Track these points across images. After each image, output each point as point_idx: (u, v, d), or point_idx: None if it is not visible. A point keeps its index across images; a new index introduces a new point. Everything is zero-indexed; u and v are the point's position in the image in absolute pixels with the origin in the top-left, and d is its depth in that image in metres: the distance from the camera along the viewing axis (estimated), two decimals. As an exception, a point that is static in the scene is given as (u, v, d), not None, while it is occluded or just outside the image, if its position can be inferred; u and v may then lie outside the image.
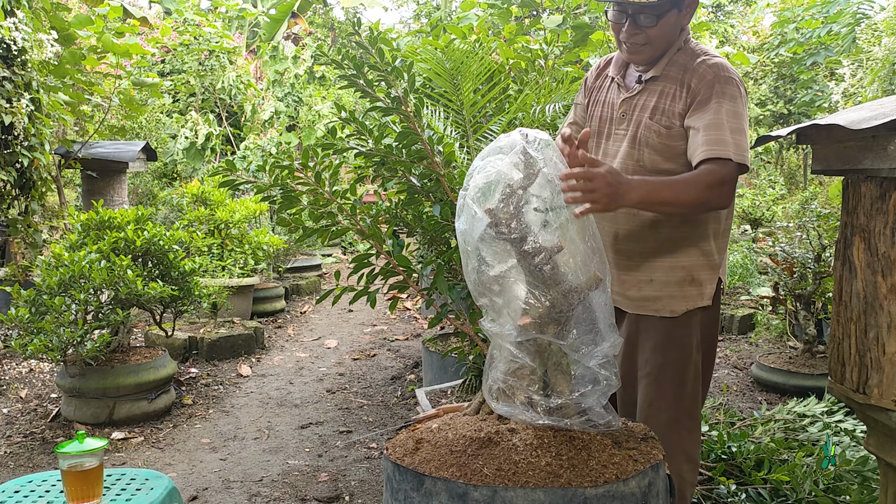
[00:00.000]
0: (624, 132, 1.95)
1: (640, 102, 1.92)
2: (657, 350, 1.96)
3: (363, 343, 5.56)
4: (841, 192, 1.68)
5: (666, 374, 1.95)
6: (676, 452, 1.93)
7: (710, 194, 1.75)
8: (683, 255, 1.93)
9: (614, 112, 1.98)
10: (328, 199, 1.81)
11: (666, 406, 1.95)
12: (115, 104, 6.12)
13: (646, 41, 1.86)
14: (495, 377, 1.57)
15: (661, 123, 1.87)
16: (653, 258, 1.94)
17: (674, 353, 1.95)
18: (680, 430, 1.96)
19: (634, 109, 1.93)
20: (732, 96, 1.81)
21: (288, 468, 3.15)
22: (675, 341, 1.95)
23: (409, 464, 1.52)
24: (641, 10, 1.82)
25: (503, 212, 1.49)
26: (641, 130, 1.90)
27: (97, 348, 3.43)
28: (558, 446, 1.49)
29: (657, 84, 1.90)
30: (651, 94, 1.91)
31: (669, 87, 1.88)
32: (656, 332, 1.96)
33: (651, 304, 1.95)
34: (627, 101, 1.95)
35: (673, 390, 1.95)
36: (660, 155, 1.89)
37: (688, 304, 1.94)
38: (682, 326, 1.95)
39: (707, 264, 1.95)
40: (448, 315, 1.88)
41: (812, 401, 3.26)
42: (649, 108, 1.90)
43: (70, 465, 1.74)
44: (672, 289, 1.94)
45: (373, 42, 1.80)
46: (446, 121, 2.61)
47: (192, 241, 4.80)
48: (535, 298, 1.51)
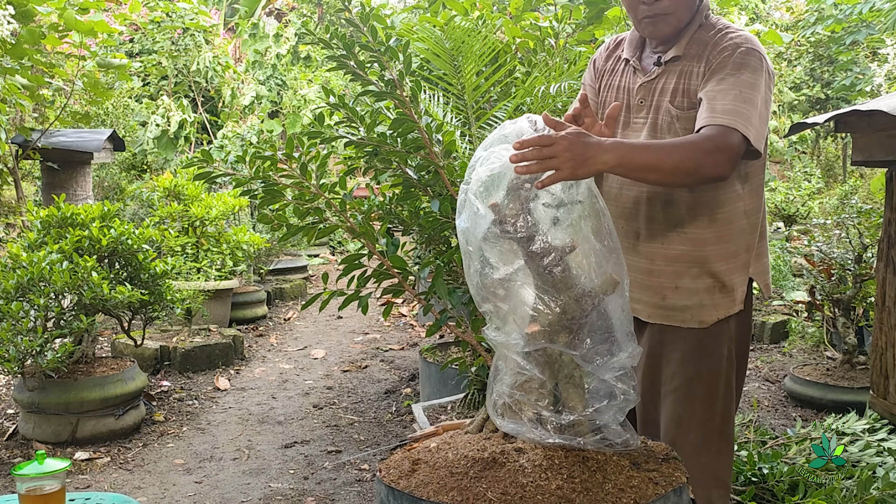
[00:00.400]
0: (643, 120, 1.92)
1: (659, 86, 1.90)
2: (686, 362, 1.93)
3: (354, 353, 5.56)
4: (884, 185, 1.68)
5: (696, 389, 1.93)
6: (706, 477, 1.90)
7: (701, 159, 1.68)
8: (712, 260, 1.91)
9: (631, 99, 1.95)
10: (315, 193, 1.81)
11: (696, 425, 1.92)
12: (79, 88, 6.12)
13: (668, 9, 1.83)
14: (500, 391, 1.57)
15: (684, 106, 1.85)
16: (677, 262, 1.92)
17: (704, 366, 1.93)
18: (711, 451, 1.93)
19: (654, 94, 1.91)
20: (753, 67, 1.79)
21: (270, 492, 3.15)
22: (706, 352, 1.93)
23: (404, 487, 1.52)
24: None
25: (509, 208, 1.49)
26: (662, 116, 1.88)
27: (58, 359, 3.43)
28: (570, 468, 1.49)
29: (678, 64, 1.88)
30: (671, 76, 1.89)
31: (689, 66, 1.86)
32: (684, 343, 1.94)
33: (678, 314, 1.93)
34: (646, 86, 1.92)
35: (703, 407, 1.93)
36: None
37: (718, 312, 1.92)
38: (713, 336, 1.93)
39: (737, 266, 1.93)
40: (448, 322, 1.88)
41: (852, 417, 3.26)
42: (669, 91, 1.88)
43: (28, 489, 1.74)
44: (701, 296, 1.91)
45: (364, 19, 1.80)
46: (446, 106, 2.62)
47: (163, 240, 4.80)
48: (544, 304, 1.51)
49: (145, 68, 8.80)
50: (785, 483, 2.67)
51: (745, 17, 9.36)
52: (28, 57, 5.42)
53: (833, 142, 11.75)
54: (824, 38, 9.75)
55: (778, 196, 8.26)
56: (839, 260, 4.13)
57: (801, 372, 4.21)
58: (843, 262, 4.11)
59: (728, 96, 1.74)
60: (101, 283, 3.50)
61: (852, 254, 4.12)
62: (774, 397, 4.29)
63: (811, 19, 9.44)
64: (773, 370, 4.82)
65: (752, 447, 3.00)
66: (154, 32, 8.97)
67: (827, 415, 3.61)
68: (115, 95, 8.20)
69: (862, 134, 3.22)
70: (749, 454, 2.80)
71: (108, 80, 6.78)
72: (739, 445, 3.01)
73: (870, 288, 4.02)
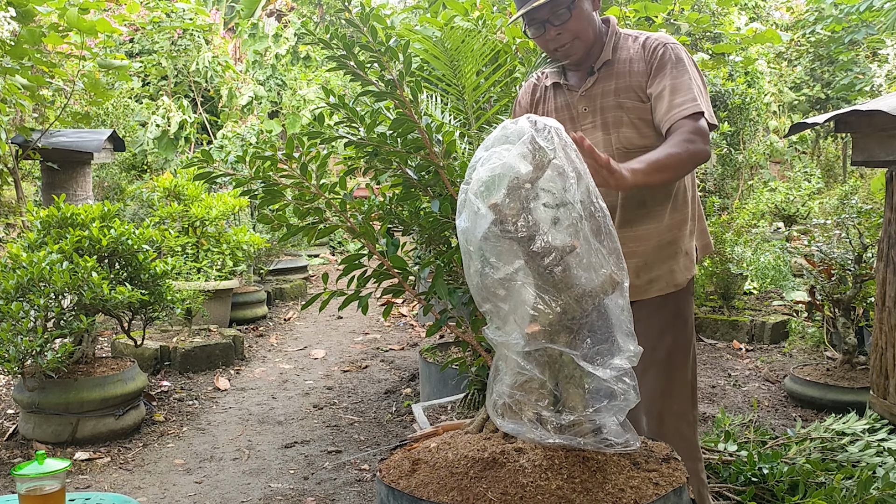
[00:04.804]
0: (591, 124, 2.17)
1: (599, 90, 2.15)
2: (664, 334, 2.17)
3: (354, 353, 5.56)
4: (884, 185, 1.68)
5: (675, 358, 2.18)
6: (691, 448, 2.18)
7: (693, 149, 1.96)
8: (667, 231, 2.16)
9: (573, 111, 2.20)
10: (315, 193, 1.81)
11: (677, 394, 2.17)
12: (79, 88, 6.12)
13: (572, 36, 2.09)
14: (500, 391, 1.57)
15: (632, 99, 2.11)
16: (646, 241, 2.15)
17: (680, 335, 2.19)
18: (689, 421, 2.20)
19: (595, 99, 2.16)
20: (684, 59, 2.09)
21: (270, 492, 3.16)
22: (681, 320, 2.19)
23: (404, 487, 1.52)
24: (551, 11, 2.04)
25: (509, 208, 1.49)
26: (611, 114, 2.13)
27: (58, 359, 3.43)
28: (570, 468, 1.49)
29: (611, 68, 2.15)
30: (609, 79, 2.14)
31: (625, 67, 2.13)
32: (661, 315, 2.16)
33: (654, 284, 2.15)
34: (586, 95, 2.17)
35: (681, 376, 2.18)
36: (635, 131, 2.12)
37: (687, 273, 2.18)
38: (684, 300, 2.20)
39: (689, 232, 2.20)
40: (448, 322, 1.88)
41: (852, 417, 3.26)
42: (611, 91, 2.13)
43: (28, 489, 1.74)
44: (669, 264, 2.16)
45: (364, 19, 1.80)
46: (444, 107, 2.62)
47: (163, 240, 4.80)
48: (544, 304, 1.51)
49: (145, 68, 8.80)
50: (785, 483, 2.67)
51: (744, 17, 9.37)
52: (28, 57, 5.42)
53: (833, 142, 11.75)
54: (824, 38, 9.76)
55: (778, 196, 8.27)
56: (839, 260, 4.13)
57: (802, 372, 4.21)
58: (843, 262, 4.11)
59: (680, 90, 2.03)
60: (101, 284, 3.50)
61: (852, 254, 4.12)
62: (774, 397, 4.29)
63: (811, 18, 9.45)
64: (773, 370, 4.82)
65: (752, 447, 3.00)
66: (153, 33, 8.97)
67: (827, 415, 3.61)
68: (115, 96, 8.21)
69: (862, 134, 3.22)
70: (749, 454, 2.80)
71: (109, 81, 6.78)
72: (739, 445, 3.01)
73: (870, 288, 4.02)
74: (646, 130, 2.11)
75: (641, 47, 2.13)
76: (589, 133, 2.16)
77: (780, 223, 8.62)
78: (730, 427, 3.24)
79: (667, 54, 2.08)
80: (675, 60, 2.07)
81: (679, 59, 2.08)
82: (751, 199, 8.37)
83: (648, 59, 2.10)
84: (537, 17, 2.06)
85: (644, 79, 2.10)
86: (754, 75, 8.95)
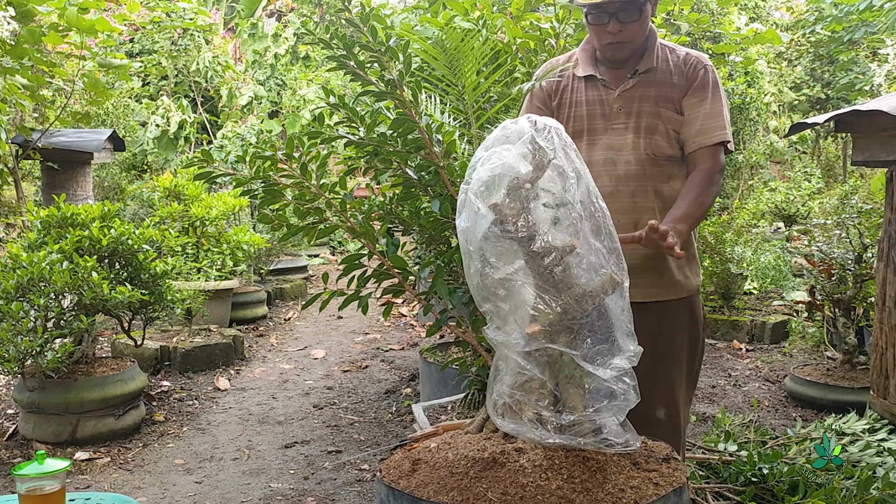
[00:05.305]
0: (623, 125, 2.20)
1: (638, 94, 2.20)
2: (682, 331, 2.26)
3: (354, 353, 5.56)
4: (884, 185, 1.68)
5: (692, 354, 2.31)
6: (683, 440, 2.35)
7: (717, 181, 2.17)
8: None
9: (606, 107, 2.22)
10: (315, 193, 1.81)
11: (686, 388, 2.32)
12: (79, 88, 6.12)
13: (629, 38, 2.14)
14: (501, 391, 1.57)
15: (670, 109, 2.18)
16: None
17: (695, 333, 2.30)
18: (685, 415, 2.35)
19: (633, 101, 2.20)
20: (718, 83, 2.22)
21: (270, 492, 3.16)
22: (694, 318, 2.30)
23: (404, 487, 1.52)
24: (622, 8, 2.08)
25: (509, 207, 1.49)
26: (647, 119, 2.18)
27: (58, 359, 3.43)
28: (570, 468, 1.49)
29: (653, 75, 2.20)
30: (649, 85, 2.20)
31: (665, 76, 2.20)
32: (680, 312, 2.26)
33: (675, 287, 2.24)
34: (624, 96, 2.20)
35: (691, 368, 2.33)
36: (667, 140, 2.19)
37: (697, 279, 2.32)
38: (696, 303, 2.32)
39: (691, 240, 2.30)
40: (448, 322, 1.88)
41: (852, 417, 3.26)
42: (650, 97, 2.19)
43: (28, 489, 1.74)
44: (686, 269, 2.26)
45: (364, 19, 1.80)
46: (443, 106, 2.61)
47: (164, 240, 4.80)
48: (544, 304, 1.51)
49: (145, 68, 8.80)
50: (785, 483, 2.67)
51: (744, 17, 9.37)
52: (28, 57, 5.41)
53: (833, 142, 11.75)
54: (824, 38, 9.76)
55: (778, 196, 8.27)
56: (839, 260, 4.13)
57: (802, 372, 4.21)
58: (844, 262, 4.11)
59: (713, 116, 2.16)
60: (102, 284, 3.50)
61: (852, 254, 4.12)
62: (774, 397, 4.29)
63: (811, 18, 9.45)
64: (774, 370, 4.82)
65: (752, 447, 2.99)
66: (153, 32, 8.96)
67: (827, 415, 3.61)
68: (115, 95, 8.21)
69: (862, 134, 3.22)
70: (749, 454, 2.80)
71: (109, 80, 6.78)
72: (739, 445, 3.01)
73: (870, 288, 4.02)
74: (674, 142, 2.20)
75: (682, 62, 2.21)
76: (619, 133, 2.20)
77: (780, 223, 8.62)
78: (730, 427, 3.24)
79: (707, 76, 2.19)
80: (714, 85, 2.19)
81: (716, 84, 2.20)
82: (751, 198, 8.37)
83: (689, 76, 2.19)
84: (608, 8, 2.08)
85: (680, 93, 2.19)
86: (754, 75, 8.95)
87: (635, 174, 2.17)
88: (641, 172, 2.17)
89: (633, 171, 2.17)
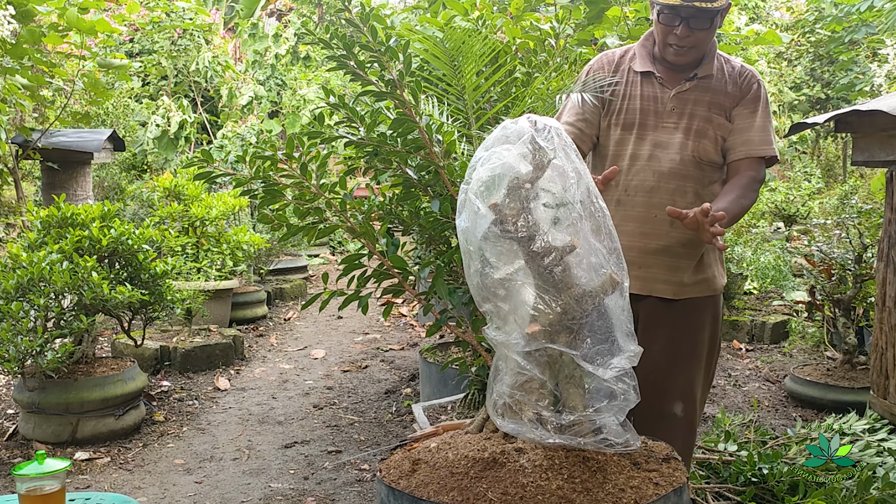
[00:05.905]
0: (674, 124, 2.25)
1: (692, 97, 2.25)
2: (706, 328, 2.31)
3: (354, 353, 5.56)
4: (884, 185, 1.68)
5: (711, 351, 2.35)
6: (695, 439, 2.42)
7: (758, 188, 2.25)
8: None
9: (660, 105, 2.26)
10: (315, 193, 1.81)
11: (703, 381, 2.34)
12: (79, 88, 6.11)
13: (694, 44, 2.18)
14: (501, 391, 1.57)
15: (721, 117, 2.25)
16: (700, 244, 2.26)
17: (716, 331, 2.36)
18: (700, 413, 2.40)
19: (687, 104, 2.25)
20: (767, 98, 2.30)
21: (270, 492, 3.15)
22: (716, 318, 2.35)
23: (404, 487, 1.52)
24: (695, 14, 2.10)
25: (509, 207, 1.49)
26: (698, 123, 2.23)
27: (58, 359, 3.43)
28: (571, 468, 1.49)
29: (708, 82, 2.26)
30: (705, 90, 2.26)
31: (719, 85, 2.26)
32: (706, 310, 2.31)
33: (702, 285, 2.30)
34: (679, 97, 2.25)
35: (709, 365, 2.36)
36: (714, 146, 2.25)
37: (723, 280, 2.36)
38: (720, 301, 2.37)
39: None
40: (448, 322, 1.88)
41: (852, 417, 3.26)
42: (704, 102, 2.25)
43: (28, 489, 1.74)
44: (714, 267, 2.33)
45: (364, 19, 1.80)
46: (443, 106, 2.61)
47: (164, 240, 4.80)
48: (544, 304, 1.51)
49: (145, 68, 8.80)
50: (785, 483, 2.67)
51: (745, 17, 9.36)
52: (28, 57, 5.41)
53: (833, 142, 11.75)
54: (824, 38, 9.76)
55: (778, 196, 8.26)
56: (839, 260, 4.13)
57: (802, 372, 4.21)
58: (844, 262, 4.11)
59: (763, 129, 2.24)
60: (102, 284, 3.50)
61: (852, 254, 4.12)
62: (775, 397, 4.29)
63: (811, 18, 9.45)
64: (774, 370, 4.82)
65: (752, 447, 2.99)
66: (153, 33, 8.96)
67: (827, 415, 3.61)
68: (115, 95, 8.20)
69: (862, 134, 3.22)
70: (749, 454, 2.80)
71: (109, 80, 6.78)
72: (739, 445, 3.01)
73: (870, 288, 4.02)
74: (719, 148, 2.27)
75: (738, 74, 2.29)
76: (668, 132, 2.24)
77: (780, 223, 8.62)
78: (730, 427, 3.24)
79: (759, 91, 2.27)
80: (764, 101, 2.28)
81: (766, 100, 2.29)
82: (751, 198, 8.33)
83: (742, 87, 2.27)
84: (681, 11, 2.11)
85: (732, 102, 2.26)
86: (754, 75, 8.91)
87: (678, 173, 2.22)
88: (684, 172, 2.23)
89: (676, 169, 2.22)
